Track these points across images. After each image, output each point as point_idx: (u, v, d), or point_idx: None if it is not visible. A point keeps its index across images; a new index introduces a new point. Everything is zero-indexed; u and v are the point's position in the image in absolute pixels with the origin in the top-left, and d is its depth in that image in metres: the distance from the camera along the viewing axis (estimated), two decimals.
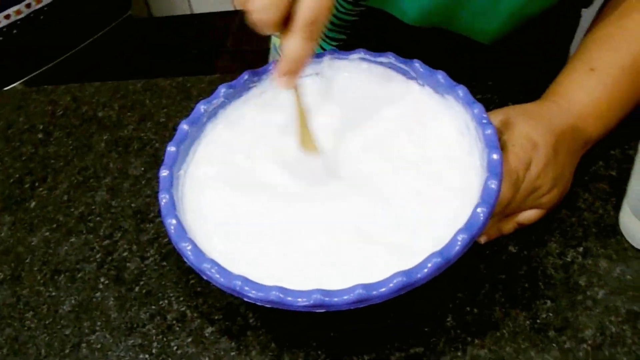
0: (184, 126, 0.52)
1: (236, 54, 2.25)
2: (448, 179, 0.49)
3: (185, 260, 0.44)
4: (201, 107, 0.54)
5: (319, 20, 0.43)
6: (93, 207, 0.62)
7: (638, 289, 0.50)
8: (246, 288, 0.40)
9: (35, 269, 0.58)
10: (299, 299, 0.39)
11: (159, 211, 0.60)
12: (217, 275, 0.42)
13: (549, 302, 0.50)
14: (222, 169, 0.52)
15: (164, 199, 0.47)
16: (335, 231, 0.46)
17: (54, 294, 0.56)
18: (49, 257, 0.59)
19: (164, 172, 0.49)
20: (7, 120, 0.74)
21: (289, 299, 0.40)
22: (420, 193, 0.48)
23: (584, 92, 0.56)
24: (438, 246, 0.42)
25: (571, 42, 0.76)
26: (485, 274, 0.52)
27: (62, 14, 1.73)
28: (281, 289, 0.40)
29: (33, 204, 0.64)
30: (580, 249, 0.53)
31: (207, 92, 0.72)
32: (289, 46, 0.44)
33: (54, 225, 0.61)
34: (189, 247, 0.43)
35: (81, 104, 0.74)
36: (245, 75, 0.56)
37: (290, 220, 0.47)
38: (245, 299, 0.41)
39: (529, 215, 0.53)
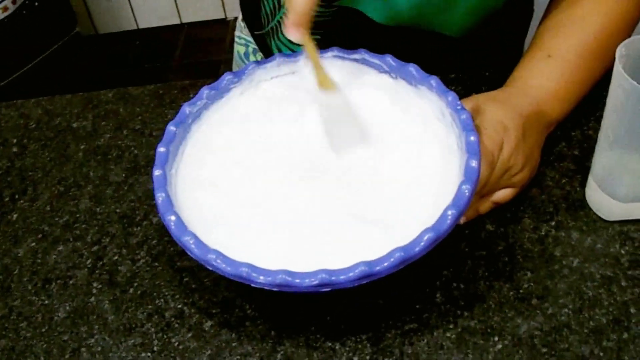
0: (171, 127, 0.54)
1: (186, 67, 2.25)
2: (427, 162, 0.52)
3: (188, 253, 0.45)
4: (186, 109, 0.55)
5: None
6: (78, 215, 0.63)
7: (609, 255, 0.54)
8: (254, 274, 0.42)
9: (25, 279, 0.58)
10: (306, 280, 0.41)
11: (146, 214, 0.61)
12: (223, 265, 0.43)
13: (529, 273, 0.53)
14: (212, 168, 0.53)
15: (160, 197, 0.48)
16: (328, 216, 0.48)
17: (46, 302, 0.56)
18: (38, 266, 0.59)
19: (157, 172, 0.50)
20: None
21: (297, 280, 0.42)
22: (402, 176, 0.51)
23: (543, 77, 0.60)
24: (426, 223, 0.45)
25: (527, 33, 0.81)
26: (467, 251, 0.55)
27: (9, 34, 1.71)
28: (288, 272, 0.42)
29: (15, 216, 0.64)
30: (553, 223, 0.57)
31: (180, 98, 0.74)
32: (297, 1, 0.49)
33: (40, 236, 0.61)
34: (191, 241, 0.45)
35: (54, 116, 0.74)
36: (226, 77, 0.58)
37: (284, 209, 0.49)
38: (253, 285, 0.43)
39: (503, 194, 0.56)
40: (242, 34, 0.88)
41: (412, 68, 0.56)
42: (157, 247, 0.59)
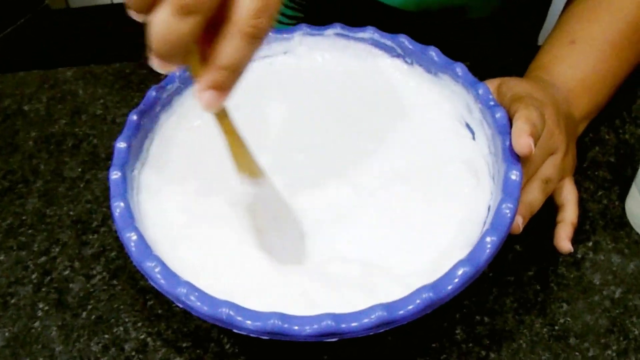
0: (133, 117, 0.43)
1: None
2: (447, 193, 0.43)
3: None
4: (153, 93, 0.45)
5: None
6: (24, 217, 0.52)
7: None
8: (239, 318, 0.33)
9: None
10: (306, 327, 0.32)
11: (104, 219, 0.52)
12: (198, 303, 0.33)
13: (564, 305, 0.45)
14: (183, 170, 0.44)
15: (117, 208, 0.38)
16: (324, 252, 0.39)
17: None
18: None
19: (114, 174, 0.40)
20: None
21: (294, 327, 0.32)
22: (415, 212, 0.42)
23: (566, 65, 0.52)
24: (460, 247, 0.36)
25: (543, 22, 0.72)
26: (492, 277, 0.46)
27: None
28: (281, 316, 0.32)
29: None
30: (590, 244, 0.48)
31: (151, 79, 0.64)
32: (227, 51, 0.33)
33: None
34: (157, 268, 0.35)
35: (3, 97, 0.63)
36: None
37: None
38: (235, 331, 0.33)
39: (552, 167, 0.46)
40: None
41: (433, 52, 0.47)
42: (117, 260, 0.49)
